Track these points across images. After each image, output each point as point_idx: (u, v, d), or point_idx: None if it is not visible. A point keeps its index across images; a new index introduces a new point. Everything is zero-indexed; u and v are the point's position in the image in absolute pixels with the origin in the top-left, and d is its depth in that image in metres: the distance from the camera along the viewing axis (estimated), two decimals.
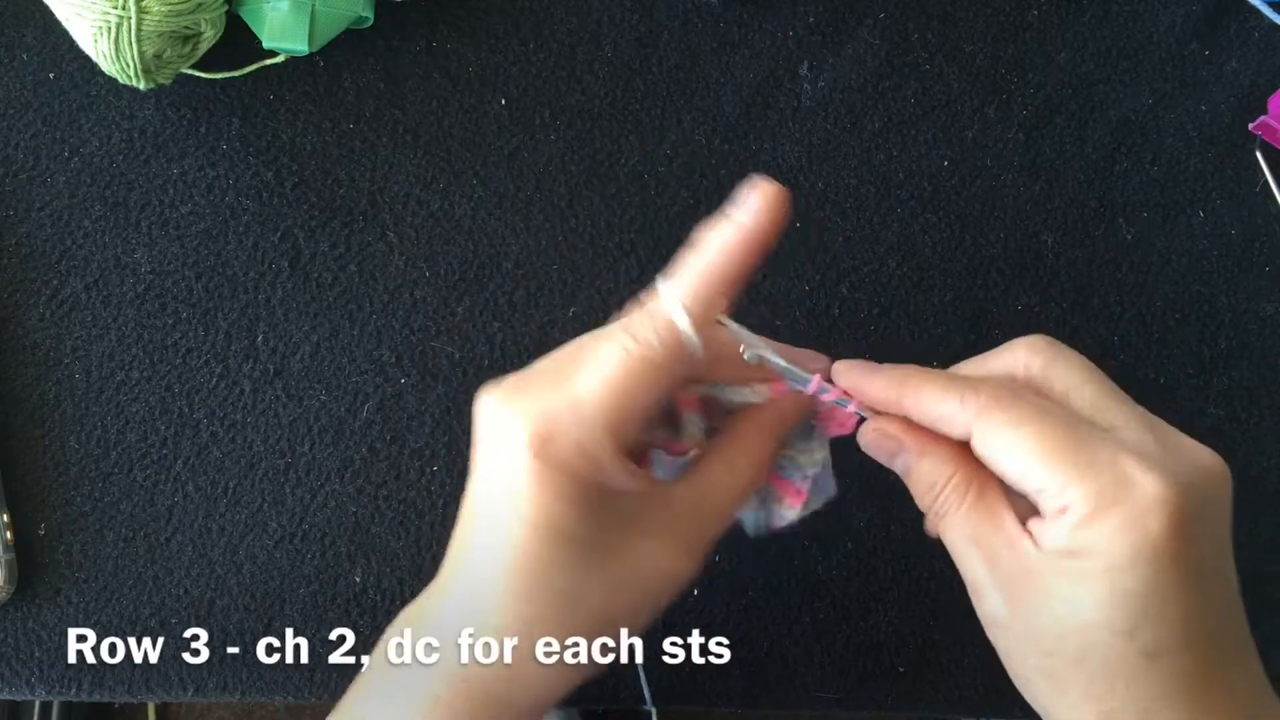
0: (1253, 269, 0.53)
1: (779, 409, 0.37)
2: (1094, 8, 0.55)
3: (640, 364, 0.32)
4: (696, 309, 0.33)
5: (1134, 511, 0.31)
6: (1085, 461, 0.31)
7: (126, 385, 0.49)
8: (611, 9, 0.53)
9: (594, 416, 0.32)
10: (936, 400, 0.34)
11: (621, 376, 0.32)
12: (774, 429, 0.37)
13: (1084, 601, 0.31)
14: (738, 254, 0.33)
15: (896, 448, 0.36)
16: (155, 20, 0.45)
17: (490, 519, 0.34)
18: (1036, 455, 0.32)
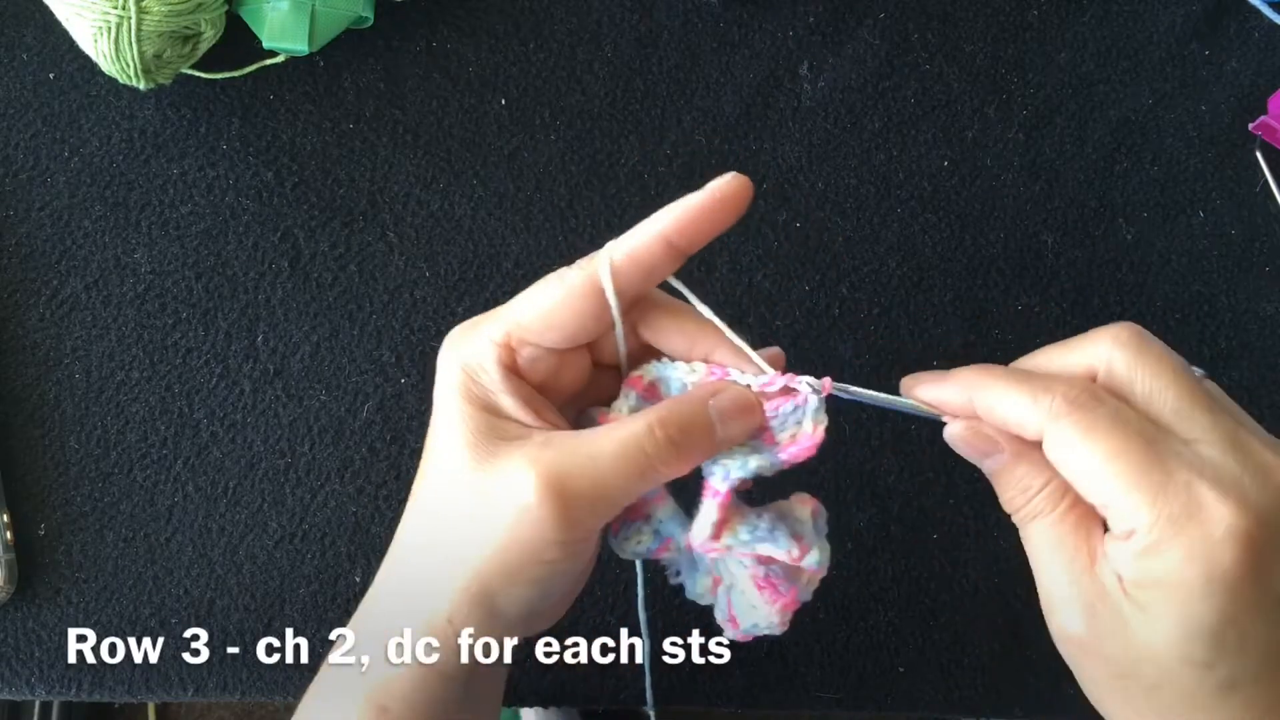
0: (1253, 269, 0.53)
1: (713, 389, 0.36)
2: (1094, 8, 0.55)
3: (559, 288, 0.35)
4: (620, 262, 0.35)
5: (1205, 541, 0.30)
6: (1158, 483, 0.30)
7: (126, 385, 0.49)
8: (611, 9, 0.53)
9: (498, 324, 0.35)
10: (1008, 400, 0.33)
11: (535, 294, 0.35)
12: (696, 403, 0.35)
13: (1159, 632, 0.30)
14: (672, 222, 0.35)
15: (991, 448, 0.35)
16: (155, 20, 0.45)
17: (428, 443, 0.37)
18: (1108, 470, 0.31)
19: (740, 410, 0.35)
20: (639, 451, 0.33)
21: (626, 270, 0.35)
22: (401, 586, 0.37)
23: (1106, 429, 0.31)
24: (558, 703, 0.49)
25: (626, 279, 0.35)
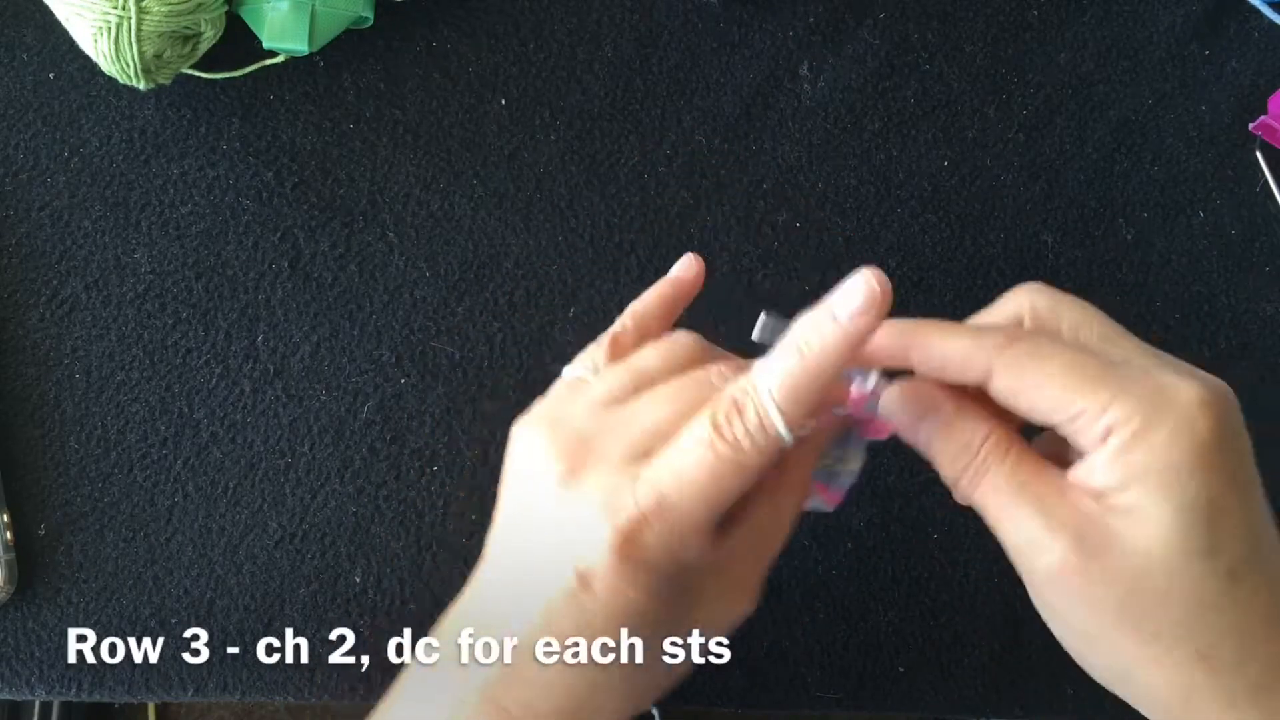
0: (1253, 269, 0.53)
1: (820, 433, 0.36)
2: (1094, 8, 0.55)
3: (730, 468, 0.31)
4: (792, 411, 0.31)
5: (1181, 416, 0.29)
6: (1121, 377, 0.30)
7: (126, 385, 0.49)
8: (611, 9, 0.53)
9: (682, 520, 0.31)
10: (949, 341, 0.33)
11: (710, 480, 0.31)
12: (816, 451, 0.37)
13: (1156, 530, 0.30)
14: (836, 356, 0.31)
15: (929, 407, 0.34)
16: (155, 20, 0.45)
17: (557, 591, 0.32)
18: (1069, 381, 0.30)
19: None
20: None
21: (795, 417, 0.32)
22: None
23: (1055, 347, 0.31)
24: None
25: (797, 424, 0.32)
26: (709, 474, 0.31)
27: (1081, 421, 0.31)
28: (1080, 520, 0.31)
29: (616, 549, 0.31)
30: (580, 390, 0.36)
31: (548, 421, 0.35)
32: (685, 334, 0.37)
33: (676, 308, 0.40)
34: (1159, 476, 0.29)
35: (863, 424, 0.37)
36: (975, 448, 0.33)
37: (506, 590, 0.35)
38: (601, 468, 0.32)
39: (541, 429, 0.35)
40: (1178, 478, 0.29)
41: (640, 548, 0.31)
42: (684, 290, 0.41)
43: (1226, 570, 0.30)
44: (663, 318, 0.40)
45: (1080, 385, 0.30)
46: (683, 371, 0.35)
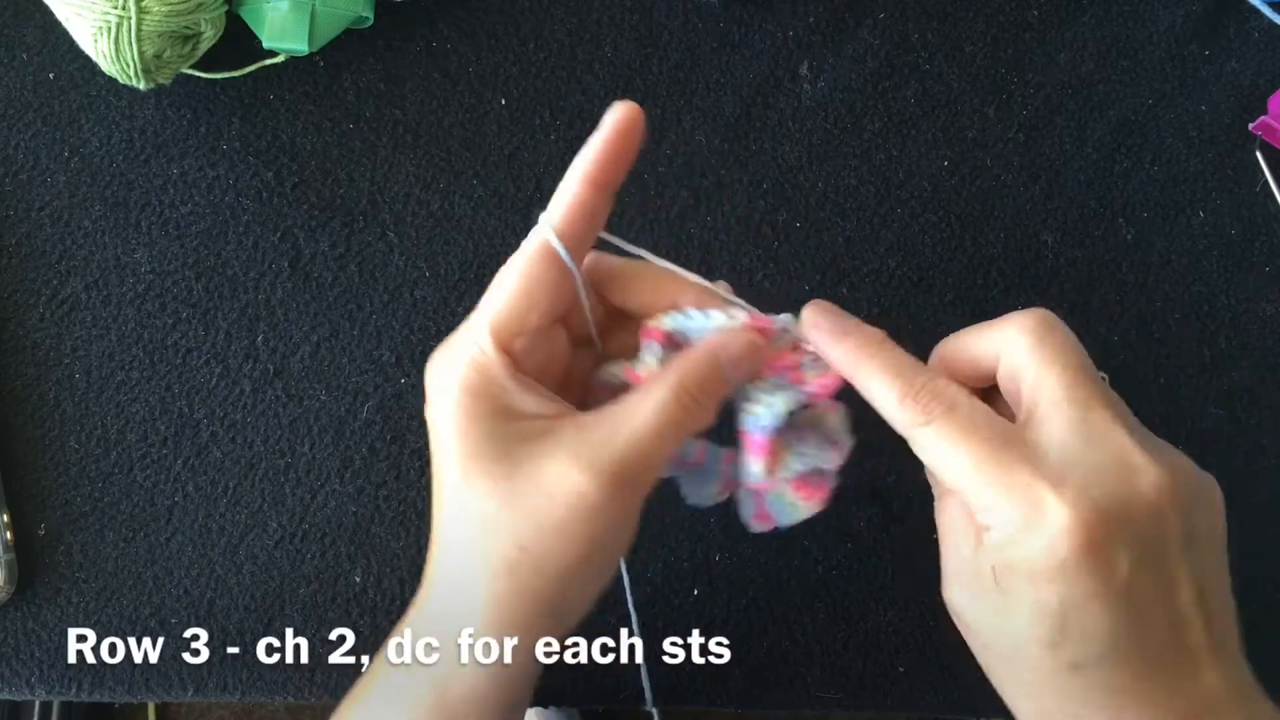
0: (1253, 269, 0.53)
1: (720, 342, 0.37)
2: (1094, 8, 0.55)
3: (515, 273, 0.36)
4: (563, 217, 0.36)
5: (1045, 535, 0.32)
6: (1006, 484, 0.33)
7: (126, 385, 0.49)
8: (611, 9, 0.53)
9: (481, 328, 0.35)
10: (880, 394, 0.36)
11: (500, 291, 0.36)
12: (707, 354, 0.36)
13: (1016, 614, 0.33)
14: (597, 160, 0.37)
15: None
16: (155, 20, 0.45)
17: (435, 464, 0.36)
18: (964, 473, 0.34)
19: (749, 355, 0.37)
20: (673, 419, 0.35)
21: (569, 226, 0.36)
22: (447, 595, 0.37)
23: (961, 433, 0.34)
24: (558, 703, 0.49)
25: (572, 234, 0.36)
26: (498, 287, 0.36)
27: (973, 509, 0.34)
28: (978, 576, 0.35)
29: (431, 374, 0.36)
30: None
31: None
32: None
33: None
34: (1025, 577, 0.33)
35: (792, 375, 0.38)
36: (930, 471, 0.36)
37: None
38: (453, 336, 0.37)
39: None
40: (1037, 582, 0.32)
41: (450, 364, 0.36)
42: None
43: (1067, 662, 0.33)
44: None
45: (973, 481, 0.34)
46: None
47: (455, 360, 0.35)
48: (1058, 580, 0.32)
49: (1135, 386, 0.51)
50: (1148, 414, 0.52)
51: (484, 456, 0.34)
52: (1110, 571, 0.32)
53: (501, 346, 0.35)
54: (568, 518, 0.34)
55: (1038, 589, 0.32)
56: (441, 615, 0.36)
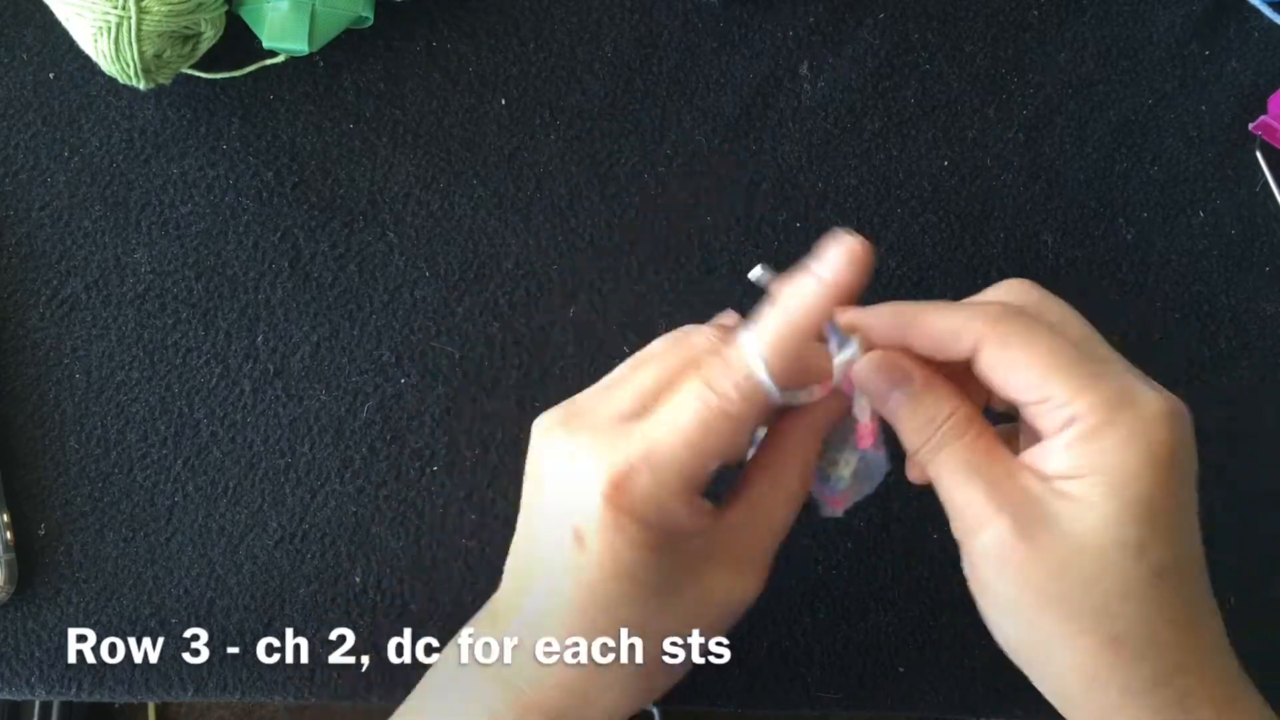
0: (1253, 269, 0.53)
1: (817, 411, 0.37)
2: (1094, 8, 0.55)
3: (718, 418, 0.33)
4: (776, 363, 0.33)
5: (1142, 421, 0.31)
6: (1095, 373, 0.32)
7: (126, 385, 0.49)
8: (611, 9, 0.53)
9: (669, 469, 0.32)
10: (942, 318, 0.34)
11: (698, 430, 0.33)
12: (815, 431, 0.37)
13: (1093, 519, 0.31)
14: (816, 310, 0.33)
15: (900, 378, 0.35)
16: (155, 20, 0.45)
17: (557, 554, 0.34)
18: (1047, 365, 0.32)
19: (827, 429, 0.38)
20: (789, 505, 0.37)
21: (780, 369, 0.33)
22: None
23: (1042, 331, 0.33)
24: None
25: (782, 378, 0.33)
26: (697, 422, 0.32)
27: (1048, 405, 0.32)
28: (1023, 499, 0.33)
29: (607, 498, 0.32)
30: (593, 386, 0.38)
31: (557, 409, 0.37)
32: (693, 327, 0.38)
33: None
34: (1108, 472, 0.31)
35: (859, 430, 0.38)
36: (938, 422, 0.34)
37: (518, 566, 0.37)
38: (595, 429, 0.34)
39: (550, 414, 0.36)
40: (1124, 476, 0.31)
41: (629, 497, 0.32)
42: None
43: (1152, 567, 0.31)
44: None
45: (1055, 371, 0.32)
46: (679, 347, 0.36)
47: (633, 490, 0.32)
48: (1150, 471, 0.31)
49: None
50: None
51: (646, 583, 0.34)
52: (1186, 473, 0.32)
53: (690, 490, 0.33)
54: (731, 614, 0.36)
55: (1125, 484, 0.31)
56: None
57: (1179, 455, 0.32)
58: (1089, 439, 0.31)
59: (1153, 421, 0.31)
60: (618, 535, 0.32)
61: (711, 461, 0.33)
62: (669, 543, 0.33)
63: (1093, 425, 0.31)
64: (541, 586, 0.35)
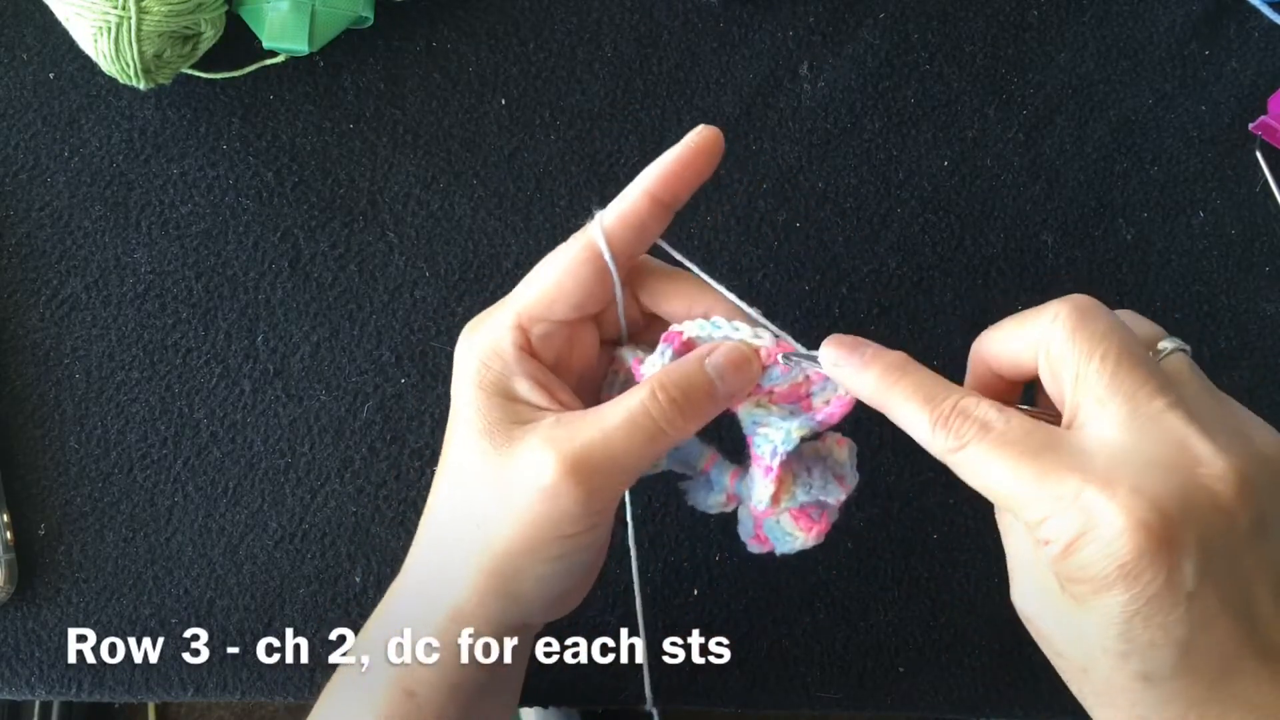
0: (1253, 269, 0.53)
1: (708, 349, 0.37)
2: (1094, 8, 0.55)
3: (554, 264, 0.37)
4: (617, 222, 0.37)
5: (1103, 543, 0.30)
6: (1054, 495, 0.31)
7: (126, 385, 0.49)
8: (611, 9, 0.53)
9: (508, 309, 0.37)
10: (913, 426, 0.34)
11: (537, 279, 0.37)
12: (694, 365, 0.36)
13: (1082, 622, 0.32)
14: (664, 176, 0.37)
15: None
16: (155, 20, 0.45)
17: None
18: (1008, 492, 0.32)
19: (736, 366, 0.37)
20: (645, 418, 0.35)
21: (619, 232, 0.37)
22: (425, 575, 0.39)
23: (998, 452, 0.32)
24: (558, 703, 0.49)
25: (621, 240, 0.37)
26: (536, 275, 0.38)
27: (1027, 525, 0.33)
28: (1042, 577, 0.34)
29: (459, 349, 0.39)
30: None
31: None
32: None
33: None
34: (1088, 585, 0.31)
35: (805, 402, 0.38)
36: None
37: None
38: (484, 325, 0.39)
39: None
40: (1100, 589, 0.31)
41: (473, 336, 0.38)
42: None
43: (1138, 673, 0.31)
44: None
45: (1018, 498, 0.32)
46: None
47: (479, 335, 0.38)
48: (1119, 587, 0.30)
49: None
50: None
51: (478, 431, 0.36)
52: (1175, 574, 0.30)
53: (520, 329, 0.37)
54: (523, 499, 0.35)
55: (1102, 598, 0.30)
56: (417, 585, 0.39)
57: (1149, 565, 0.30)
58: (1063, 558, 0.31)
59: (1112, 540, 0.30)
60: (469, 381, 0.37)
61: (547, 303, 0.37)
62: (506, 395, 0.37)
63: (1062, 548, 0.31)
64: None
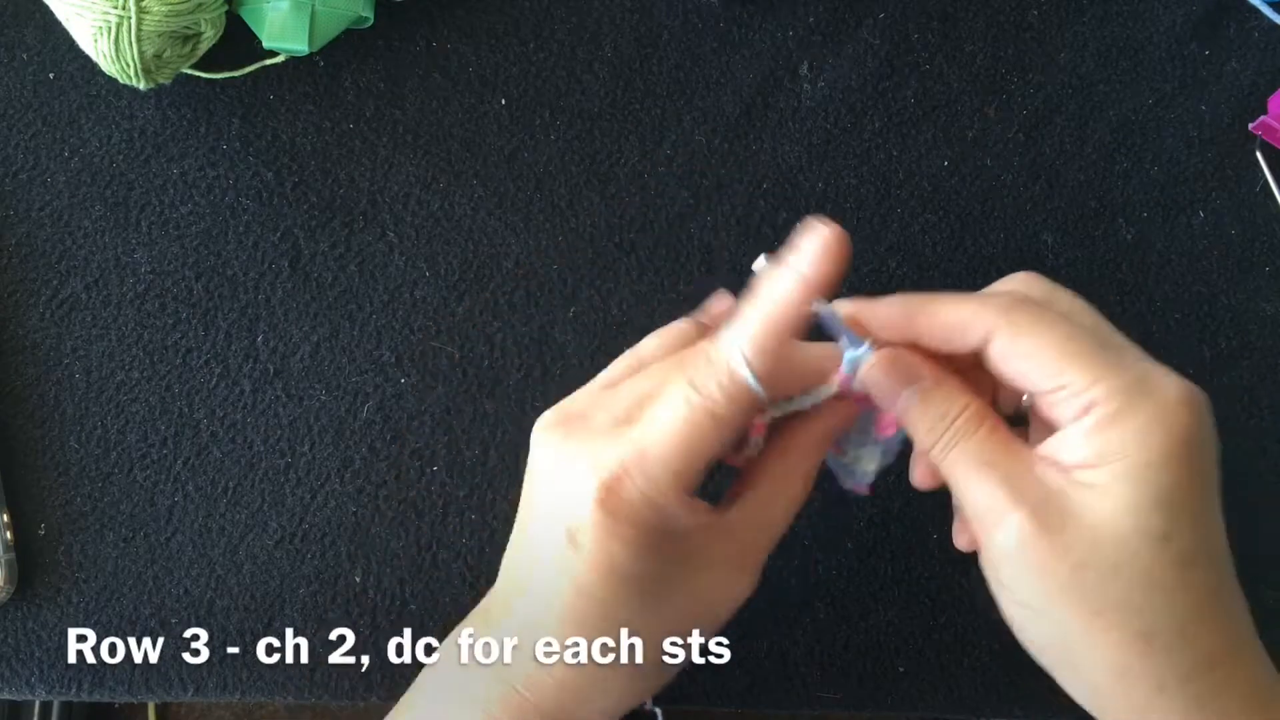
0: (1253, 269, 0.53)
1: (825, 417, 0.37)
2: (1094, 8, 0.55)
3: (705, 417, 0.33)
4: (758, 360, 0.33)
5: (1162, 407, 0.30)
6: (1113, 359, 0.32)
7: (126, 385, 0.49)
8: (611, 9, 0.53)
9: (660, 470, 0.33)
10: (952, 308, 0.34)
11: (686, 429, 0.33)
12: (819, 436, 0.37)
13: (1116, 507, 0.31)
14: (796, 303, 0.33)
15: (910, 376, 0.35)
16: (155, 20, 0.45)
17: (551, 556, 0.34)
18: (1062, 352, 0.32)
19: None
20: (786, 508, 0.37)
21: (761, 365, 0.33)
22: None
23: (1055, 319, 0.33)
24: None
25: (765, 374, 0.33)
26: (684, 423, 0.33)
27: (1064, 393, 0.32)
28: (1042, 493, 0.32)
29: (599, 501, 0.33)
30: (590, 383, 0.38)
31: (555, 410, 0.37)
32: (686, 320, 0.39)
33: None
34: (1129, 459, 0.30)
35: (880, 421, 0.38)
36: (951, 418, 0.34)
37: (514, 566, 0.37)
38: (589, 434, 0.34)
39: (547, 416, 0.37)
40: (1146, 463, 0.30)
41: (621, 499, 0.33)
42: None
43: (1177, 556, 0.31)
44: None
45: (1072, 358, 0.32)
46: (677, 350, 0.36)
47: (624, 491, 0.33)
48: (1174, 459, 0.30)
49: None
50: None
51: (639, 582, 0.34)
52: (1207, 458, 0.31)
53: (680, 489, 0.33)
54: (723, 612, 0.36)
55: (1147, 471, 0.30)
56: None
57: (1201, 441, 0.31)
58: (1108, 425, 0.31)
59: (1174, 407, 0.31)
60: (610, 536, 0.33)
61: (700, 461, 0.33)
62: (662, 541, 0.34)
63: (1112, 411, 0.31)
64: (536, 586, 0.35)
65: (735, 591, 0.36)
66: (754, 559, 0.36)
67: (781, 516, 0.37)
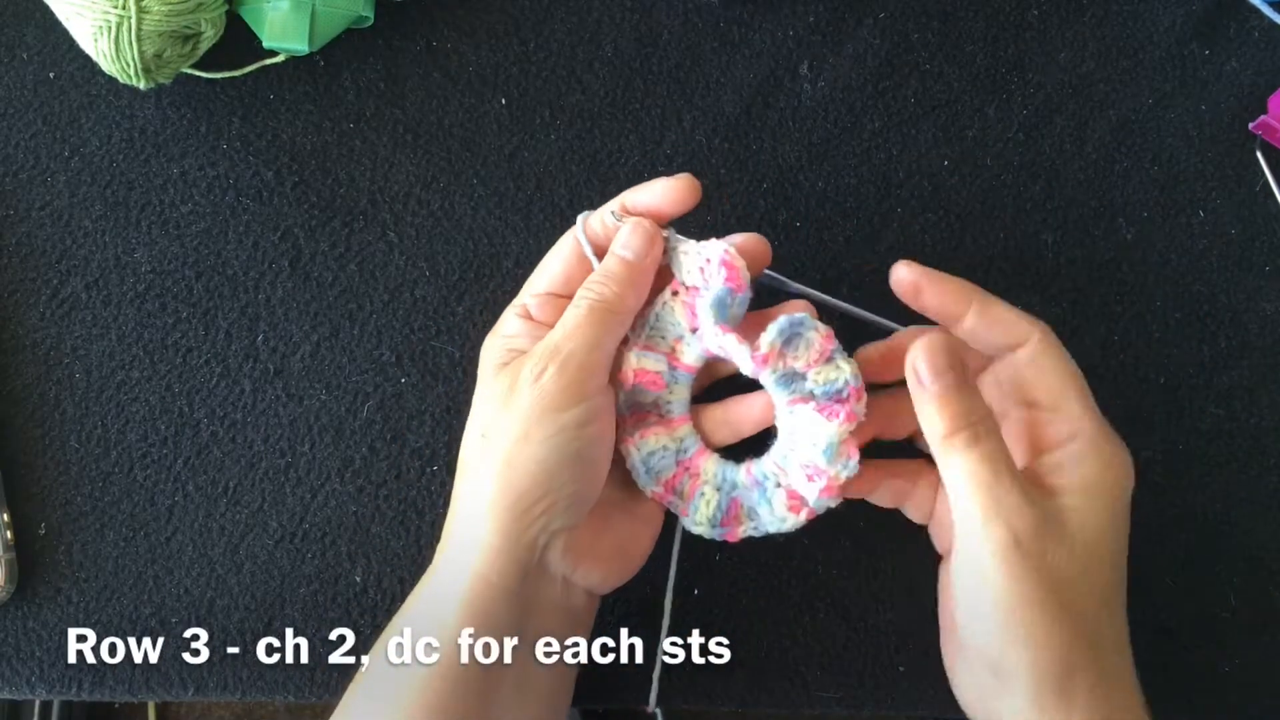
0: (1253, 269, 0.53)
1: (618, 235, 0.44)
2: (1094, 8, 0.55)
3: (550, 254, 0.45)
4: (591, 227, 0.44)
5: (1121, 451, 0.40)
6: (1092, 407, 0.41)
7: (126, 385, 0.49)
8: (611, 9, 0.53)
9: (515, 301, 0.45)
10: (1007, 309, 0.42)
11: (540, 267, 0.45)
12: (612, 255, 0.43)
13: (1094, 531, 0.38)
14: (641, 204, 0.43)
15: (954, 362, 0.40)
16: (155, 20, 0.45)
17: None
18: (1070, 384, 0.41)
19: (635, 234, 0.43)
20: (591, 304, 0.41)
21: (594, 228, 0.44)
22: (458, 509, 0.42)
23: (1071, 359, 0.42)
24: None
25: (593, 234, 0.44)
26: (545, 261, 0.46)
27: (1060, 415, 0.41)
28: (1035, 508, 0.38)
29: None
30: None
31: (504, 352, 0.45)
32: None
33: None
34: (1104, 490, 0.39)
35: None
36: (974, 418, 0.39)
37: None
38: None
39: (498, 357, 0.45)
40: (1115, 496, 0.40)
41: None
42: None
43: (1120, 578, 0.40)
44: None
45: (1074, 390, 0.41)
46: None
47: (498, 325, 0.45)
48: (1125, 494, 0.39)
49: (1135, 386, 0.51)
50: (1147, 414, 0.52)
51: (489, 375, 0.42)
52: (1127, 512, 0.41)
53: (522, 307, 0.44)
54: (517, 397, 0.40)
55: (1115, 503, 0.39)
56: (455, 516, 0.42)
57: (1128, 497, 0.40)
58: (1087, 456, 0.39)
59: (1125, 454, 0.40)
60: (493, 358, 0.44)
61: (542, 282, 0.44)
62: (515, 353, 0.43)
63: (1093, 445, 0.39)
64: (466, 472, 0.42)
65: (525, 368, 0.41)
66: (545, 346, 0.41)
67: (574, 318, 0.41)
